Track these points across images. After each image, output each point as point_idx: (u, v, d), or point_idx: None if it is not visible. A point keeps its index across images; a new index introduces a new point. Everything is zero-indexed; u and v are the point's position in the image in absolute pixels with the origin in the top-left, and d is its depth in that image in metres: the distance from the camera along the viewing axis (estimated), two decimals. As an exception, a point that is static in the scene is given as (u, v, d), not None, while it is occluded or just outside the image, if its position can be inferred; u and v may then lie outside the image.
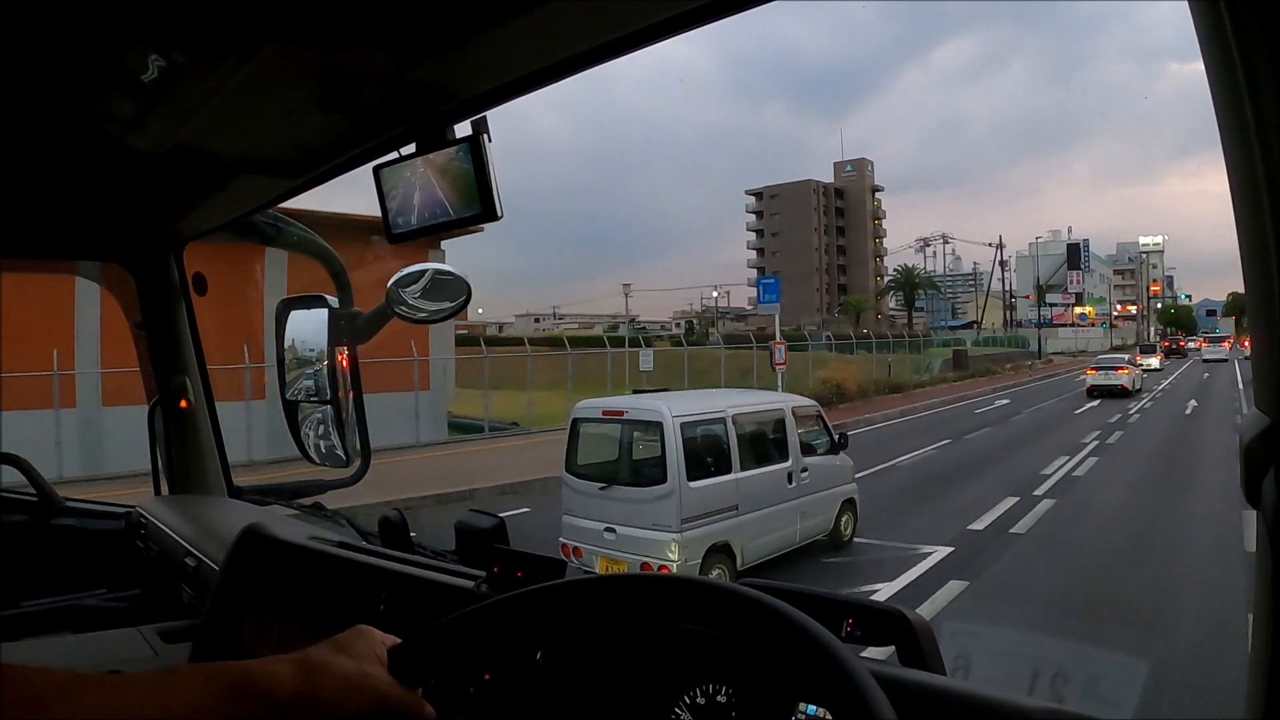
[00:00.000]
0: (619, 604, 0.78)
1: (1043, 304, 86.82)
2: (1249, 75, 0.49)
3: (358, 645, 0.76)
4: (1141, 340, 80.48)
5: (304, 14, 0.95)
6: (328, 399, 1.67)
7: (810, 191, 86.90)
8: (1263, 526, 0.53)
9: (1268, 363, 0.53)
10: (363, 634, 0.78)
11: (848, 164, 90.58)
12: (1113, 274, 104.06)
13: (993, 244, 74.54)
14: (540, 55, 1.01)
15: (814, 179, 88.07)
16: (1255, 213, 0.52)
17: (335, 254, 1.99)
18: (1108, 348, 66.79)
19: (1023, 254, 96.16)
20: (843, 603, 0.91)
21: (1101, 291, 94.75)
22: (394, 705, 0.74)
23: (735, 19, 0.91)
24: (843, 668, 0.61)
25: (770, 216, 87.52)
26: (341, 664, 0.73)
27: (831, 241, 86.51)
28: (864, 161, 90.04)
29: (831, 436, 8.14)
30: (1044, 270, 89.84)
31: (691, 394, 10.46)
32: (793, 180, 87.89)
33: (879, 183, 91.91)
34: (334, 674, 0.72)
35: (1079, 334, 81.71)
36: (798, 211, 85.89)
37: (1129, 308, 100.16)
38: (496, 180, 1.06)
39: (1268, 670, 0.54)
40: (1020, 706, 0.74)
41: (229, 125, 1.23)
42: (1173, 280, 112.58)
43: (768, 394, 10.33)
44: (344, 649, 0.75)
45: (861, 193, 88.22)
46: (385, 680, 0.75)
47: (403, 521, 1.55)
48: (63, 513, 2.37)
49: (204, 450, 2.33)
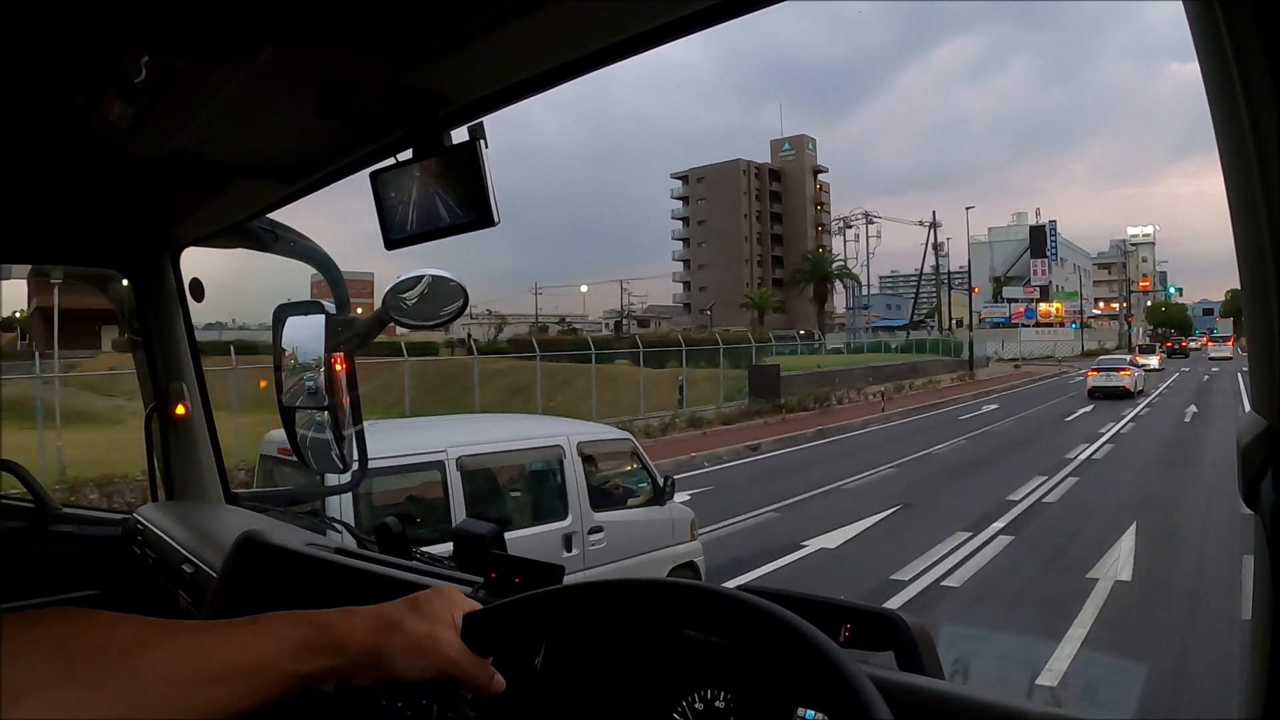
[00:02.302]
0: (617, 609, 0.78)
1: (999, 299, 75.75)
2: (1244, 77, 0.50)
3: (435, 606, 0.76)
4: (1124, 342, 69.41)
5: (302, 18, 0.95)
6: (324, 405, 1.67)
7: (740, 173, 75.41)
8: (1260, 529, 0.53)
9: (1265, 366, 0.53)
10: (442, 595, 0.78)
11: (785, 142, 78.82)
12: (1094, 267, 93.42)
13: (924, 222, 62.35)
14: (539, 60, 1.01)
15: (744, 159, 75.96)
16: (1251, 216, 0.52)
17: (332, 260, 1.99)
18: (1077, 353, 60.77)
19: (979, 240, 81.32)
20: (840, 607, 0.91)
21: (1077, 286, 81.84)
22: (460, 671, 0.74)
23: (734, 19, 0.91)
24: (841, 672, 0.61)
25: (696, 202, 77.23)
26: (414, 624, 0.73)
27: (765, 229, 75.45)
28: (803, 139, 78.45)
29: (656, 482, 5.99)
30: (1004, 259, 79.96)
31: (418, 423, 8.24)
32: (722, 161, 75.96)
33: (822, 163, 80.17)
34: (404, 633, 0.72)
35: (1044, 335, 70.22)
36: (726, 196, 74.86)
37: (1112, 305, 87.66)
38: (493, 186, 1.06)
39: (1267, 671, 0.54)
40: (1019, 710, 0.74)
41: (226, 130, 1.23)
42: (1165, 276, 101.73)
43: (544, 423, 7.29)
44: (419, 609, 0.75)
45: (801, 174, 76.90)
46: (456, 646, 0.74)
47: (401, 528, 1.55)
48: (59, 519, 2.36)
49: (201, 457, 2.33)
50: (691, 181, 77.85)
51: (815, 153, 79.17)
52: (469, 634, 0.75)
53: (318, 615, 0.72)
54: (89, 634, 0.62)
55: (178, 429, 2.31)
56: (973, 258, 79.32)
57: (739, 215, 73.72)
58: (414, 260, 1.36)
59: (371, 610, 0.74)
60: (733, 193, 74.73)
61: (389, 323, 1.48)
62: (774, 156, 78.57)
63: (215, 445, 2.36)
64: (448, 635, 0.74)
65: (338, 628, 0.71)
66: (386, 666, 0.72)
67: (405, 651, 0.72)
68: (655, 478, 6.06)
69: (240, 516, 2.16)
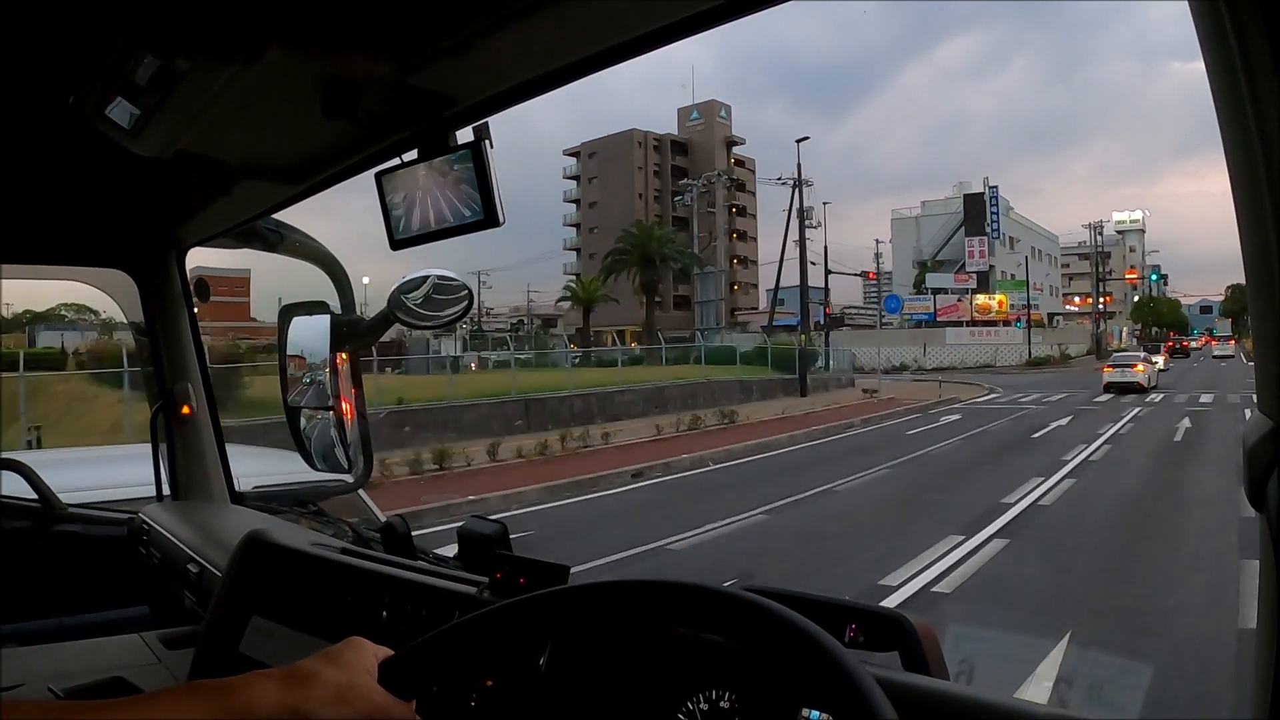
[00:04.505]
0: (622, 610, 0.78)
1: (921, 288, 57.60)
2: (1249, 75, 0.50)
3: (348, 656, 0.76)
4: (1095, 345, 55.84)
5: (308, 19, 0.95)
6: (329, 405, 1.67)
7: (635, 145, 61.35)
8: (1267, 528, 0.53)
9: (1270, 365, 0.53)
10: (355, 645, 0.78)
11: (693, 109, 63.78)
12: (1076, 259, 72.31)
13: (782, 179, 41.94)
14: (543, 61, 1.01)
15: (639, 128, 62.22)
16: (1257, 215, 0.52)
17: (338, 260, 2.00)
18: (1023, 360, 47.69)
19: (902, 215, 65.62)
20: (846, 608, 0.91)
21: (1036, 275, 60.48)
22: (387, 716, 0.74)
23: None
24: (846, 673, 0.61)
25: (589, 182, 63.32)
26: (330, 675, 0.73)
27: (666, 211, 59.34)
28: (714, 105, 63.11)
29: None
30: (933, 238, 61.32)
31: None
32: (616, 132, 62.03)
33: (737, 134, 64.80)
34: (321, 685, 0.72)
35: (983, 337, 52.74)
36: (619, 174, 60.86)
37: (1089, 300, 67.44)
38: (498, 186, 1.06)
39: (1273, 672, 0.54)
40: (1024, 711, 0.74)
41: (232, 131, 1.23)
42: (1160, 269, 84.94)
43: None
44: (334, 660, 0.75)
45: (710, 147, 62.15)
46: (376, 692, 0.74)
47: (406, 528, 1.55)
48: (65, 519, 2.37)
49: (206, 456, 2.34)
50: (583, 158, 64.29)
51: (730, 121, 63.76)
52: (386, 679, 0.76)
53: (220, 683, 0.71)
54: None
55: (183, 428, 2.32)
56: (895, 238, 64.61)
57: (633, 195, 59.97)
58: (419, 261, 1.35)
59: (282, 669, 0.74)
60: (626, 169, 61.21)
61: (394, 323, 1.48)
62: (681, 127, 64.46)
63: (220, 445, 2.37)
64: (366, 682, 0.75)
65: (242, 693, 0.70)
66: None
67: (326, 702, 0.72)
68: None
69: (245, 516, 2.17)
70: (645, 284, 45.28)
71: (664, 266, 46.34)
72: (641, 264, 45.00)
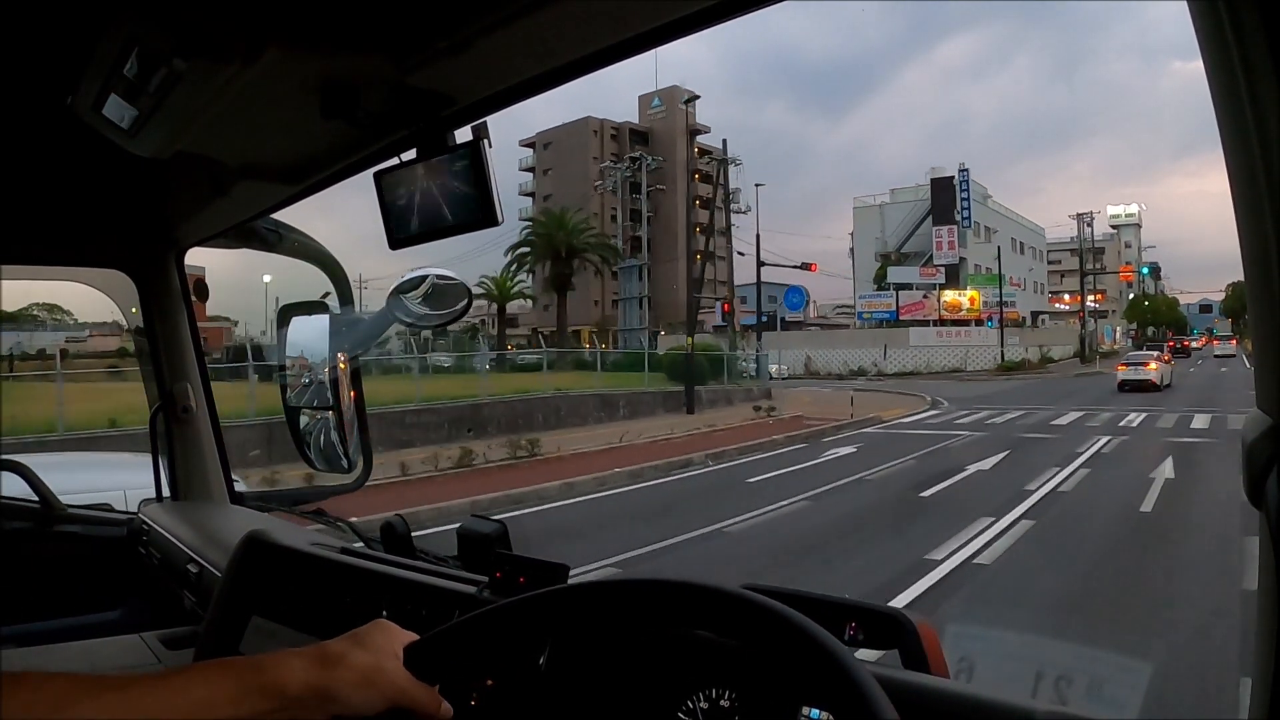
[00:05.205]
0: (622, 609, 0.78)
1: (882, 284, 52.85)
2: (1248, 75, 0.50)
3: (376, 639, 0.76)
4: (1084, 347, 50.34)
5: (306, 19, 0.95)
6: (329, 405, 1.68)
7: (591, 134, 58.29)
8: (1266, 526, 0.53)
9: (1269, 363, 0.53)
10: (382, 628, 0.78)
11: (655, 96, 59.04)
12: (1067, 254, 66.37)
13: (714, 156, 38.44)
14: (542, 60, 1.01)
15: (594, 116, 58.62)
16: (1256, 213, 0.52)
17: (337, 260, 2.00)
18: (995, 365, 42.25)
19: (865, 203, 61.09)
20: (845, 606, 0.91)
21: (1017, 269, 55.33)
22: (410, 700, 0.74)
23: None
24: (846, 671, 0.61)
25: (544, 174, 60.33)
26: (357, 657, 0.73)
27: (623, 203, 55.77)
28: (676, 91, 57.10)
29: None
30: (899, 228, 56.27)
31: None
32: (572, 120, 58.40)
33: (702, 122, 59.38)
34: (349, 667, 0.73)
35: (951, 338, 46.88)
36: (575, 165, 57.74)
37: (1075, 299, 60.26)
38: (497, 185, 1.06)
39: (1273, 670, 0.54)
40: (1025, 709, 0.74)
41: (231, 131, 1.23)
42: (1156, 265, 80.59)
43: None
44: (361, 642, 0.75)
45: (672, 136, 57.12)
46: (402, 675, 0.75)
47: (405, 528, 1.55)
48: (64, 519, 2.37)
49: (206, 456, 2.34)
50: (539, 149, 60.99)
51: (694, 109, 57.99)
52: (411, 663, 0.76)
53: (251, 660, 0.72)
54: (16, 697, 0.62)
55: (183, 429, 2.32)
56: (857, 228, 59.80)
57: (589, 187, 55.83)
58: (417, 259, 1.34)
59: (311, 649, 0.74)
60: (582, 160, 57.56)
61: (392, 323, 1.48)
62: (642, 115, 60.44)
63: (220, 445, 2.37)
64: (393, 665, 0.75)
65: (273, 671, 0.70)
66: (335, 702, 0.72)
67: (353, 684, 0.72)
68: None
69: (245, 516, 2.17)
70: (556, 278, 40.21)
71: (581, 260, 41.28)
72: (551, 257, 40.22)
